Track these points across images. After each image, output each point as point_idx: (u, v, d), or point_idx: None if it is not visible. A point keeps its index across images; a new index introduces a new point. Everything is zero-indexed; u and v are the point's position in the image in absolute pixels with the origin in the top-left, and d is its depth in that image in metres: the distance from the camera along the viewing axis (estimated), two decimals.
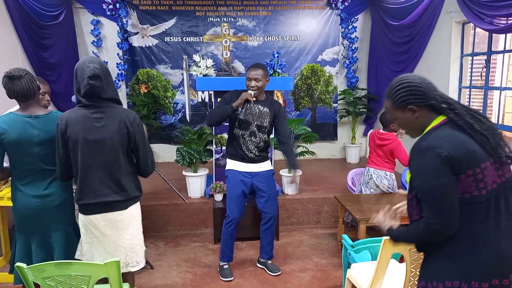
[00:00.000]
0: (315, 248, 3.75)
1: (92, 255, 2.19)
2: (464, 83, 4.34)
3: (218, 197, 3.96)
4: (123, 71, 5.84)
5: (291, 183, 4.17)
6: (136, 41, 5.87)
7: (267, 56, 5.53)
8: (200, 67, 4.07)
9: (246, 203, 3.60)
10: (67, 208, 2.29)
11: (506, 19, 3.23)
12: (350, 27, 6.10)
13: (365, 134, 6.42)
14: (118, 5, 5.62)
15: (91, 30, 5.75)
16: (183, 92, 6.07)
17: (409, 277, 2.05)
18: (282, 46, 6.00)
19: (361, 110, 6.11)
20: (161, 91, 5.99)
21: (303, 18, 6.01)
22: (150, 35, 5.88)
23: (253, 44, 6.02)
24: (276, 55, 4.29)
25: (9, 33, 4.14)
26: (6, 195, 2.76)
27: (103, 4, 5.53)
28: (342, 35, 6.13)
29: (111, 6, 5.55)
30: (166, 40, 5.91)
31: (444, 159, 1.32)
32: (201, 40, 5.95)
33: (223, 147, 4.27)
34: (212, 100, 4.47)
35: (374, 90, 6.03)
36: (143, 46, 5.90)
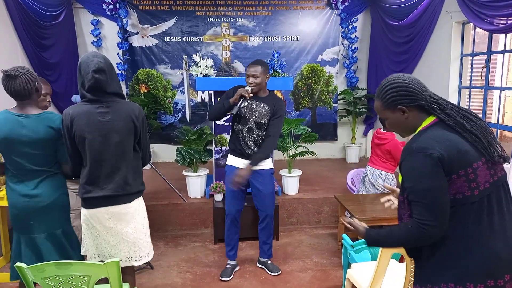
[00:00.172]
0: (315, 248, 3.75)
1: (94, 251, 2.19)
2: (464, 83, 4.34)
3: (218, 197, 3.96)
4: (123, 71, 5.84)
5: (235, 177, 2.93)
6: (136, 41, 5.87)
7: (267, 56, 5.53)
8: (200, 67, 4.07)
9: (246, 203, 3.61)
10: (56, 210, 2.23)
11: (506, 19, 3.22)
12: (350, 27, 6.10)
13: (365, 134, 6.42)
14: (118, 5, 5.62)
15: (91, 30, 5.76)
16: (183, 92, 6.07)
17: (409, 277, 2.05)
18: (282, 46, 6.01)
19: (361, 110, 6.11)
20: (161, 91, 5.99)
21: (303, 18, 6.01)
22: (150, 35, 5.88)
23: (253, 44, 6.02)
24: (276, 55, 4.29)
25: (9, 33, 4.14)
26: (6, 195, 2.76)
27: (103, 4, 5.53)
28: (342, 35, 6.13)
29: (111, 6, 5.56)
30: (166, 40, 5.91)
31: (436, 161, 1.31)
32: (201, 40, 5.95)
33: (223, 147, 4.27)
34: (212, 100, 4.47)
35: (374, 90, 5.99)
36: (143, 46, 5.90)
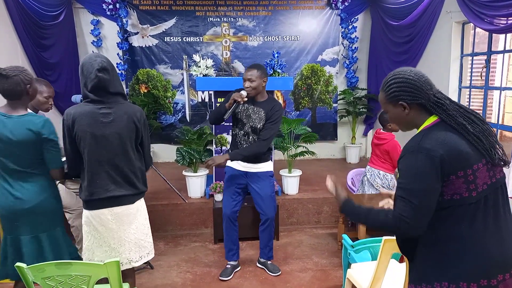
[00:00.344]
0: (315, 248, 3.75)
1: (93, 253, 2.18)
2: (464, 83, 4.34)
3: (218, 197, 3.96)
4: (123, 71, 5.84)
5: (207, 160, 2.95)
6: (136, 41, 5.87)
7: (267, 56, 5.53)
8: (200, 67, 4.07)
9: (246, 203, 3.61)
10: (40, 214, 2.17)
11: (506, 19, 3.22)
12: (350, 27, 6.10)
13: (365, 134, 6.42)
14: (118, 5, 5.62)
15: (91, 30, 5.76)
16: (183, 92, 6.07)
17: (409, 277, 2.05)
18: (282, 46, 6.01)
19: (361, 110, 6.12)
20: (161, 91, 5.99)
21: (303, 18, 6.01)
22: (150, 35, 5.88)
23: (253, 44, 6.02)
24: (276, 55, 4.29)
25: (9, 33, 4.14)
26: None
27: (103, 4, 5.53)
28: (342, 35, 6.13)
29: (111, 6, 5.56)
30: (166, 40, 5.91)
31: (436, 163, 1.31)
32: (201, 40, 5.95)
33: (223, 147, 4.27)
34: (212, 100, 4.47)
35: (374, 90, 6.03)
36: (143, 46, 5.90)
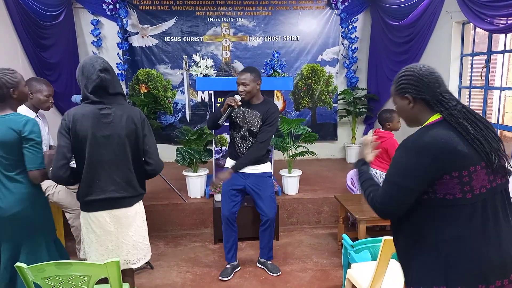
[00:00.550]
0: (315, 248, 3.75)
1: (90, 256, 2.18)
2: (464, 83, 4.34)
3: (218, 197, 3.95)
4: (123, 71, 5.84)
5: (215, 179, 3.03)
6: (136, 41, 5.87)
7: (267, 56, 5.53)
8: (200, 67, 4.07)
9: (246, 203, 3.62)
10: (17, 224, 2.10)
11: (506, 19, 3.22)
12: (350, 27, 6.10)
13: (365, 134, 6.41)
14: (118, 5, 5.62)
15: (91, 30, 5.75)
16: (183, 92, 6.07)
17: None
18: (282, 46, 6.00)
19: (361, 110, 6.11)
20: (161, 91, 5.99)
21: (303, 18, 6.01)
22: (150, 35, 5.88)
23: (253, 44, 6.02)
24: (276, 55, 4.29)
25: (9, 33, 4.14)
26: None
27: (103, 4, 5.53)
28: (342, 35, 6.13)
29: (111, 6, 5.55)
30: (166, 40, 5.91)
31: (424, 163, 1.33)
32: (201, 40, 5.95)
33: (223, 147, 4.27)
34: (212, 100, 4.47)
35: (374, 90, 6.03)
36: (143, 46, 5.90)
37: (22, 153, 2.08)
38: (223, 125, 2.97)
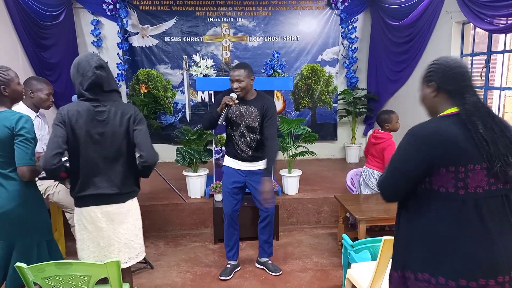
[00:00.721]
0: (315, 248, 3.75)
1: (82, 254, 2.16)
2: None
3: (218, 197, 3.95)
4: (123, 71, 5.84)
5: (262, 194, 2.89)
6: (136, 41, 5.87)
7: (267, 56, 5.53)
8: (200, 67, 4.07)
9: (246, 203, 3.62)
10: (7, 222, 2.07)
11: (506, 19, 3.22)
12: (350, 27, 6.10)
13: (365, 134, 6.42)
14: (118, 5, 5.62)
15: (91, 30, 5.76)
16: (183, 92, 6.07)
17: None
18: (282, 46, 6.00)
19: (361, 110, 6.12)
20: (161, 91, 5.99)
21: (303, 18, 6.01)
22: (150, 35, 5.88)
23: (253, 44, 6.02)
24: (276, 55, 4.29)
25: (9, 33, 4.14)
26: None
27: (103, 4, 5.53)
28: (342, 35, 6.13)
29: (111, 6, 5.55)
30: (166, 40, 5.91)
31: (422, 151, 1.38)
32: (201, 40, 5.95)
33: (223, 147, 4.27)
34: (212, 100, 4.47)
35: (374, 90, 6.04)
36: (143, 46, 5.90)
37: (11, 151, 2.05)
38: (220, 124, 2.96)
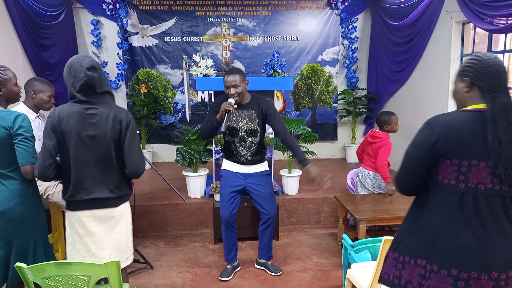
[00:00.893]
0: (315, 248, 3.75)
1: (73, 258, 2.13)
2: None
3: (218, 197, 3.95)
4: (123, 71, 5.84)
5: (315, 180, 3.01)
6: (136, 41, 5.87)
7: (267, 56, 5.53)
8: (200, 67, 4.07)
9: (246, 204, 3.61)
10: (11, 219, 2.07)
11: (506, 19, 3.22)
12: (350, 27, 6.10)
13: (365, 134, 6.42)
14: (118, 5, 5.62)
15: (91, 30, 5.76)
16: (183, 92, 6.07)
17: None
18: (282, 46, 6.00)
19: (361, 110, 6.12)
20: (161, 91, 5.99)
21: (303, 18, 6.01)
22: (150, 35, 5.88)
23: (253, 44, 6.02)
24: (276, 55, 4.29)
25: (9, 33, 4.14)
26: None
27: (103, 4, 5.53)
28: (342, 35, 6.13)
29: (111, 6, 5.55)
30: (166, 40, 5.91)
31: (432, 138, 1.41)
32: (201, 40, 5.95)
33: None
34: (212, 100, 4.46)
35: (374, 90, 6.03)
36: (143, 46, 5.90)
37: (11, 150, 2.06)
38: (223, 131, 2.94)
